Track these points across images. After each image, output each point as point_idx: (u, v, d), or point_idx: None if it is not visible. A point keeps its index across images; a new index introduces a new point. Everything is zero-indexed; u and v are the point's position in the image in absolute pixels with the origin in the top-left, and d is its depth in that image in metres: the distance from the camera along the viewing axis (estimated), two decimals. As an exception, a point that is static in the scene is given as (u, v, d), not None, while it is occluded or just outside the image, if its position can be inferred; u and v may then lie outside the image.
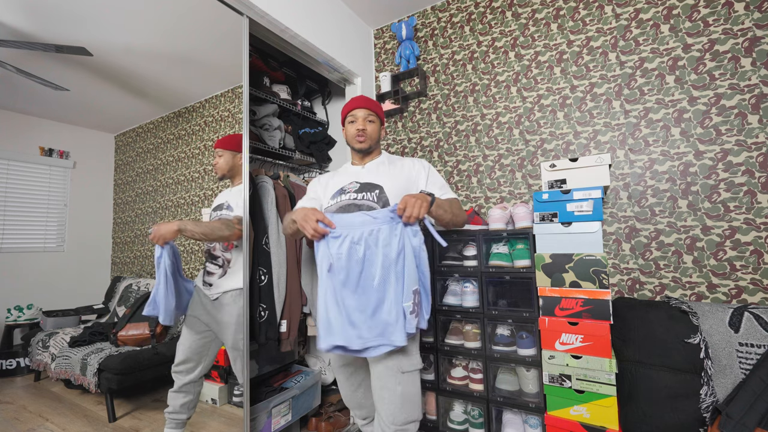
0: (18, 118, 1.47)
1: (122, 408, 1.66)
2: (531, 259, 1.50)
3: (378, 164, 1.33)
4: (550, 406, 1.38)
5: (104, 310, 1.87)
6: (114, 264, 1.87)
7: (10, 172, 1.46)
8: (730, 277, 1.49)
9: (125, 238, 1.87)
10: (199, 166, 1.88)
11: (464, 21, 2.18)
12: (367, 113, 1.30)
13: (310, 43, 1.86)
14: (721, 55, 1.54)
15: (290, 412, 1.73)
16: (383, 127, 1.39)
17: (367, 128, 1.30)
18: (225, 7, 1.49)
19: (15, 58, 1.29)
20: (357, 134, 1.29)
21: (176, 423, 1.50)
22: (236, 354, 1.52)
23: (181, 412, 1.49)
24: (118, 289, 1.92)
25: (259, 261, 1.69)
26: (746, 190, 1.48)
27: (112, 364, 1.65)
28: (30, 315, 1.56)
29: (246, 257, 1.53)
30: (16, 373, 1.62)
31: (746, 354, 1.26)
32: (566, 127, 1.86)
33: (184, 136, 1.90)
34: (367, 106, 1.31)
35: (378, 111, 1.34)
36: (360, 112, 1.30)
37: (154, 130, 1.91)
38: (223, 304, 1.50)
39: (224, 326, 1.50)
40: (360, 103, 1.32)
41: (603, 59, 1.78)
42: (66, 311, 1.69)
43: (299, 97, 2.30)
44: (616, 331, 1.45)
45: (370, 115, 1.31)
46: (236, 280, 1.51)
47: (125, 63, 1.54)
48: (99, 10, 1.35)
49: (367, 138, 1.30)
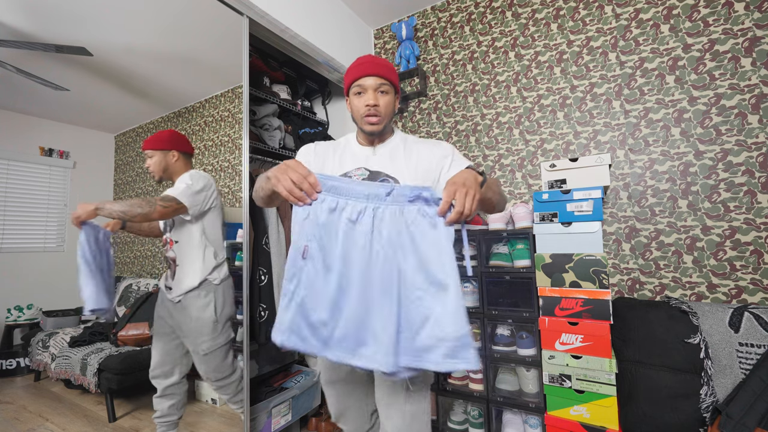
0: (18, 118, 1.47)
1: (122, 408, 1.66)
2: (531, 259, 1.50)
3: (392, 148, 1.03)
4: (550, 406, 1.38)
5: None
6: (114, 264, 1.87)
7: (10, 172, 1.46)
8: (730, 277, 1.48)
9: (125, 238, 1.87)
10: (200, 166, 1.88)
11: (464, 21, 2.18)
12: (379, 82, 0.96)
13: (310, 43, 1.86)
14: (721, 55, 1.54)
15: (290, 412, 1.73)
16: (398, 97, 1.04)
17: (380, 103, 0.96)
18: (225, 7, 1.50)
19: (15, 58, 1.29)
20: (367, 112, 0.96)
21: (168, 425, 1.48)
22: (198, 358, 1.44)
23: (170, 414, 1.48)
24: (118, 289, 1.92)
25: (259, 261, 1.69)
26: (746, 190, 1.48)
27: (112, 364, 1.65)
28: (30, 315, 1.56)
29: (246, 257, 1.53)
30: (16, 373, 1.62)
31: (746, 354, 1.26)
32: (566, 127, 1.86)
33: (184, 136, 1.90)
34: (379, 72, 0.96)
35: (392, 77, 0.99)
36: (370, 81, 0.96)
37: (154, 130, 1.91)
38: (183, 306, 1.42)
39: (183, 328, 1.43)
40: (369, 68, 0.96)
41: (603, 59, 1.78)
42: (66, 311, 1.69)
43: (299, 97, 2.30)
44: (616, 331, 1.45)
45: (383, 84, 0.96)
46: (189, 278, 1.43)
47: (125, 63, 1.54)
48: (99, 10, 1.35)
49: (381, 117, 0.97)
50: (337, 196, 0.81)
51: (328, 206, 0.80)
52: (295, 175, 0.80)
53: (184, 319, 1.42)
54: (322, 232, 0.80)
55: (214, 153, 1.87)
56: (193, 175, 1.44)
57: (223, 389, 1.49)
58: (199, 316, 1.41)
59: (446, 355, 0.74)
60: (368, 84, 0.96)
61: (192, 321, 1.41)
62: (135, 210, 1.23)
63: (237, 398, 1.52)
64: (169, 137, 1.49)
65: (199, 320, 1.41)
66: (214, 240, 1.48)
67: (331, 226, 0.80)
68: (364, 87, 0.96)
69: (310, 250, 0.79)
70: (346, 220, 0.80)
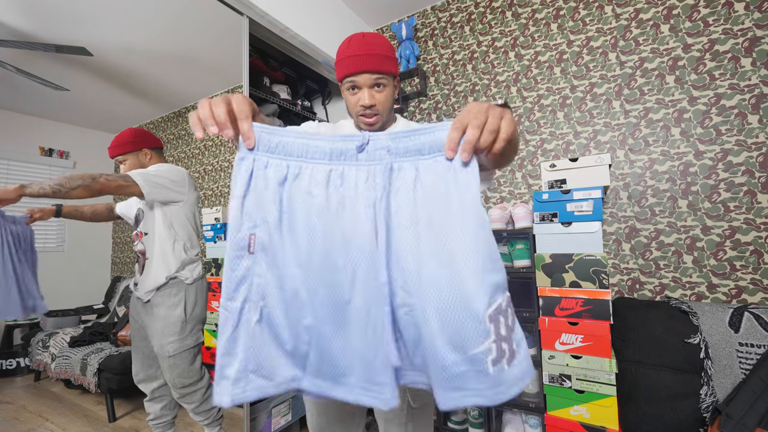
0: (18, 118, 1.47)
1: (122, 408, 1.66)
2: (531, 259, 1.50)
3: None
4: (550, 406, 1.38)
5: (104, 310, 1.87)
6: (114, 264, 1.87)
7: (10, 172, 1.46)
8: (730, 277, 1.48)
9: (125, 238, 1.87)
10: (199, 166, 1.88)
11: (464, 21, 2.18)
12: (374, 78, 0.84)
13: (310, 43, 1.86)
14: (721, 55, 1.54)
15: (290, 412, 1.73)
16: (397, 83, 0.92)
17: (376, 101, 0.85)
18: (225, 7, 1.50)
19: (15, 58, 1.29)
20: (362, 112, 0.86)
21: (164, 426, 1.47)
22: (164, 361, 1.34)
23: (164, 416, 1.46)
24: (118, 289, 1.92)
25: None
26: (746, 190, 1.48)
27: (112, 364, 1.65)
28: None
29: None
30: (16, 373, 1.62)
31: (746, 354, 1.26)
32: (566, 127, 1.86)
33: (184, 136, 1.90)
34: (374, 66, 0.83)
35: (389, 67, 0.86)
36: (364, 78, 0.84)
37: (154, 130, 1.91)
38: (152, 305, 1.35)
39: (151, 328, 1.36)
40: (363, 63, 0.83)
41: (603, 59, 1.78)
42: (66, 311, 1.69)
43: (299, 97, 2.30)
44: (616, 331, 1.44)
45: (380, 78, 0.84)
46: (159, 271, 1.34)
47: (125, 63, 1.54)
48: (99, 10, 1.35)
49: (379, 116, 0.87)
50: (286, 158, 0.54)
51: (276, 173, 0.54)
52: (221, 108, 0.51)
53: (151, 318, 1.35)
54: (272, 213, 0.53)
55: (214, 153, 1.87)
56: (161, 166, 1.38)
57: (188, 397, 1.39)
58: (167, 315, 1.33)
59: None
60: (362, 81, 0.84)
61: (159, 320, 1.33)
62: (73, 182, 1.07)
63: (202, 408, 1.42)
64: (134, 136, 1.41)
65: (167, 319, 1.32)
66: (183, 234, 1.41)
67: (284, 202, 0.54)
68: (357, 83, 0.85)
69: (258, 239, 0.53)
70: (303, 192, 0.53)
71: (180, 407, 1.50)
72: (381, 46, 0.85)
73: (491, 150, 0.49)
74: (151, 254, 1.36)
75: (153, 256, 1.35)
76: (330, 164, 0.54)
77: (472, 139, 0.48)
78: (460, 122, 0.49)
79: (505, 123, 0.48)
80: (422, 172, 0.52)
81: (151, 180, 1.28)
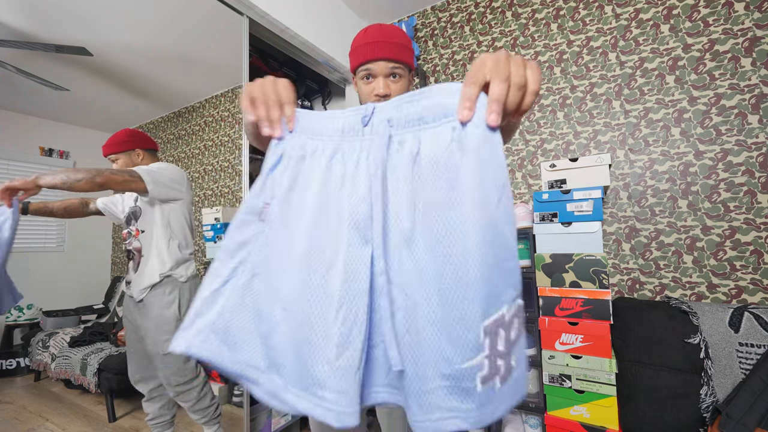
0: (18, 118, 1.47)
1: (122, 408, 1.66)
2: (531, 259, 1.50)
3: None
4: (550, 406, 1.38)
5: (104, 310, 1.87)
6: (114, 264, 1.87)
7: (10, 172, 1.46)
8: (730, 277, 1.48)
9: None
10: (199, 166, 1.88)
11: (464, 21, 2.18)
12: (390, 66, 0.81)
13: (310, 43, 1.86)
14: (721, 55, 1.54)
15: (290, 412, 1.73)
16: (412, 77, 0.89)
17: (391, 91, 0.83)
18: (225, 7, 1.50)
19: (15, 58, 1.29)
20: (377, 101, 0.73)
21: (162, 425, 1.46)
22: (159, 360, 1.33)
23: (162, 415, 1.45)
24: (118, 289, 1.92)
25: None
26: (746, 190, 1.48)
27: (112, 364, 1.65)
28: (30, 315, 1.56)
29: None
30: (16, 373, 1.62)
31: (746, 354, 1.26)
32: (566, 127, 1.86)
33: (184, 136, 1.90)
34: (391, 54, 0.81)
35: (406, 57, 0.83)
36: (380, 66, 0.81)
37: (154, 130, 1.91)
38: (145, 305, 1.33)
39: (144, 327, 1.35)
40: (380, 50, 0.80)
41: (603, 59, 1.78)
42: (66, 311, 1.69)
43: (299, 97, 2.30)
44: (616, 331, 1.44)
45: (397, 68, 0.82)
46: (154, 267, 1.33)
47: (125, 63, 1.54)
48: (99, 10, 1.35)
49: None
50: (311, 138, 0.52)
51: (298, 153, 0.52)
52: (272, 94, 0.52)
53: (145, 318, 1.34)
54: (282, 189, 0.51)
55: (214, 153, 1.87)
56: (160, 164, 1.39)
57: (184, 395, 1.39)
58: (162, 314, 1.32)
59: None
60: (378, 69, 0.81)
61: (153, 319, 1.32)
62: (77, 175, 1.07)
63: (198, 406, 1.42)
64: (129, 136, 1.43)
65: (161, 318, 1.31)
66: (179, 233, 1.42)
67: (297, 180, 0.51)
68: (373, 71, 0.82)
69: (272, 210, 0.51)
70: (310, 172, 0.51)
71: (179, 407, 1.49)
72: (399, 36, 0.83)
73: (519, 109, 0.41)
74: (148, 252, 1.36)
75: (149, 254, 1.35)
76: (341, 140, 0.51)
77: (500, 95, 0.39)
78: (475, 76, 0.40)
79: (531, 72, 0.40)
80: (424, 144, 0.45)
81: (155, 177, 1.29)
